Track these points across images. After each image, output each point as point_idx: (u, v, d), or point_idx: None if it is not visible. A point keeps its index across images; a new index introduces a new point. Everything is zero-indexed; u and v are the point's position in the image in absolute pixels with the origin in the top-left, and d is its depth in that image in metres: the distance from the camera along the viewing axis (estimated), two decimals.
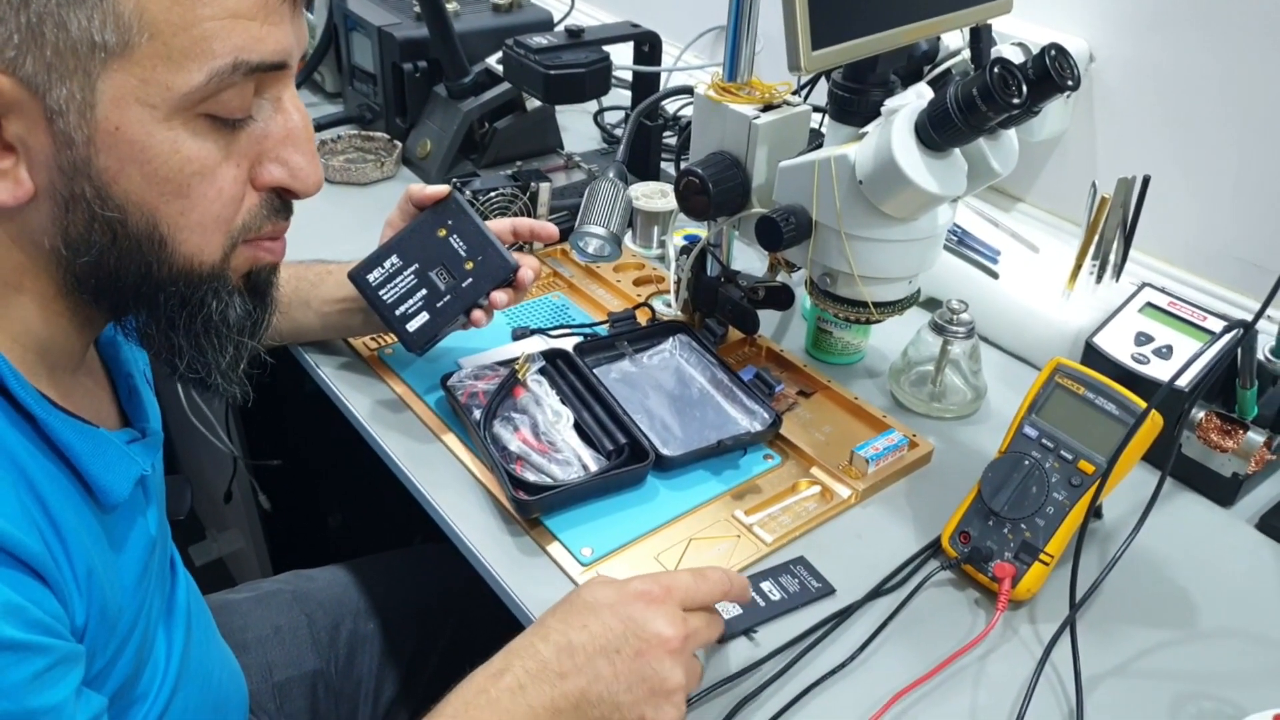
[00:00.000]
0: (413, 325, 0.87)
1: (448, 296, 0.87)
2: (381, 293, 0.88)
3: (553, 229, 0.96)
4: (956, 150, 0.74)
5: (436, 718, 0.60)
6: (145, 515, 0.65)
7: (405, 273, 0.88)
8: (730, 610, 0.73)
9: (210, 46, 0.48)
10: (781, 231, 0.79)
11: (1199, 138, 1.03)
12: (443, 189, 0.90)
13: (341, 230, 1.21)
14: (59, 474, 0.54)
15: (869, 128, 0.76)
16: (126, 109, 0.48)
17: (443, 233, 0.89)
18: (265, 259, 0.59)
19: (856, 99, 0.79)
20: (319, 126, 1.38)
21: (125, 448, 0.59)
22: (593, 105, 1.51)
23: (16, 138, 0.48)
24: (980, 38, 0.80)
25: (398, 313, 0.88)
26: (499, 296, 0.88)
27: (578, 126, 1.47)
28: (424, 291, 0.88)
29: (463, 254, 0.88)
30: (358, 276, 0.88)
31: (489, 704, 0.59)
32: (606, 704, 0.61)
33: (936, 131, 0.71)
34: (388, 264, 0.88)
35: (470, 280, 0.87)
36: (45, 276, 0.54)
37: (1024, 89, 0.68)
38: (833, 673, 0.70)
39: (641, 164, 1.27)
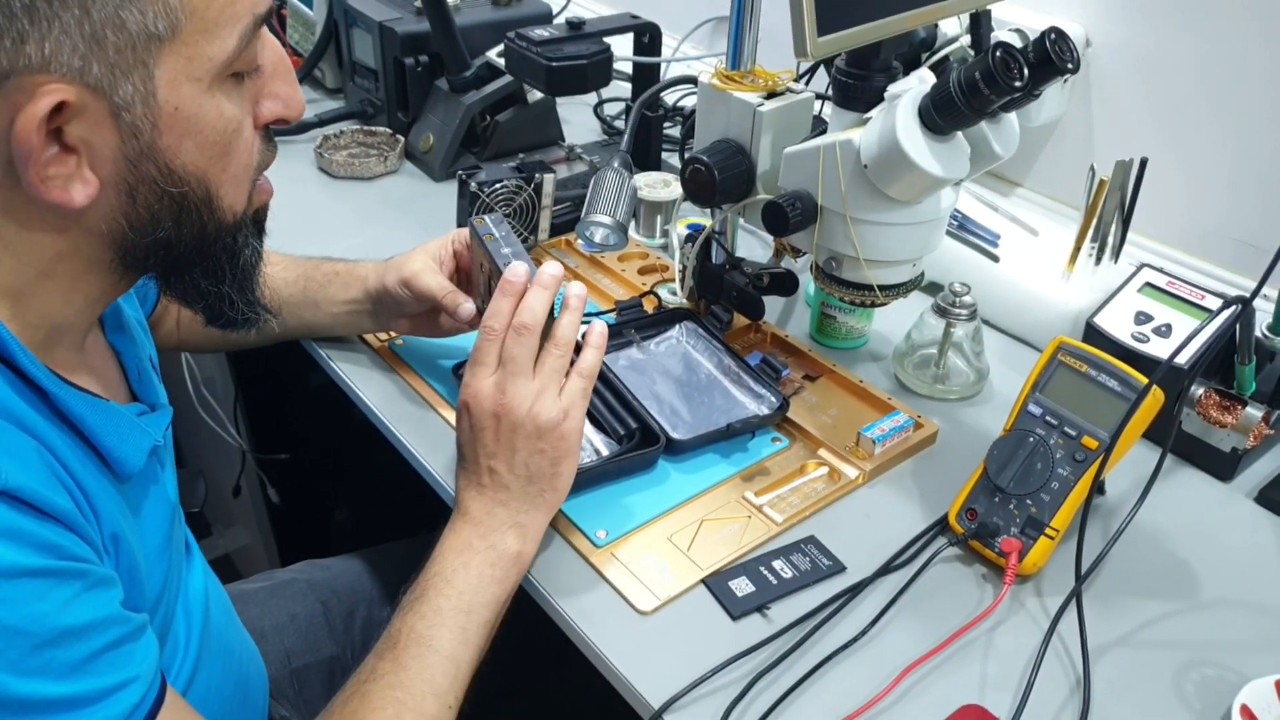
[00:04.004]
0: None
1: None
2: None
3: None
4: (959, 134, 0.76)
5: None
6: (161, 483, 0.66)
7: None
8: (744, 588, 0.74)
9: (235, 11, 0.52)
10: (788, 216, 0.80)
11: (1194, 121, 1.04)
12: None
13: (345, 225, 1.22)
14: (75, 446, 0.56)
15: (873, 113, 0.77)
16: (180, 88, 0.51)
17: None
18: (265, 197, 0.63)
19: (860, 85, 0.80)
20: (321, 123, 1.39)
21: (136, 420, 0.61)
22: (592, 98, 1.51)
23: (79, 139, 0.50)
24: (980, 23, 0.82)
25: None
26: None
27: (578, 119, 1.48)
28: None
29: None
30: None
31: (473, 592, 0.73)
32: (523, 491, 0.73)
33: (940, 115, 0.72)
34: None
35: None
36: (83, 259, 0.55)
37: (1025, 72, 0.69)
38: (844, 647, 0.71)
39: (643, 154, 1.28)
